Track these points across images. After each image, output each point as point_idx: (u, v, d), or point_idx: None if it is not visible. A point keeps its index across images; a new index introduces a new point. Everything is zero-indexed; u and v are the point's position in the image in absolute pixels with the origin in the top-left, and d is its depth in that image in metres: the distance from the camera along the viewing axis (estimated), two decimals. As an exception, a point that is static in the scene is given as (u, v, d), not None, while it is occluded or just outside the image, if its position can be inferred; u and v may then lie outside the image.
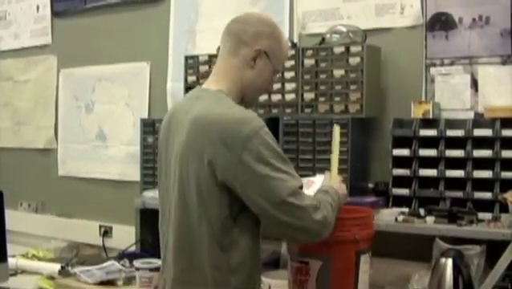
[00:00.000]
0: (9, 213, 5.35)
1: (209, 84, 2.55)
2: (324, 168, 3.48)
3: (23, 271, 4.42)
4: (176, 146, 2.44)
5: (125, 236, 4.46)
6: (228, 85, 2.49)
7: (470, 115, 3.45)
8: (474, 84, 3.48)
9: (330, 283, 2.74)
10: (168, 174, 2.50)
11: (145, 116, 4.78)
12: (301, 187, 2.36)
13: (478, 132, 3.27)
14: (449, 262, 2.94)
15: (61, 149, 5.46)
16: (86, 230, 5.07)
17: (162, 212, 2.57)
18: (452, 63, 3.55)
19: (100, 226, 5.01)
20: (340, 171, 2.96)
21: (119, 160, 5.01)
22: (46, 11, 5.55)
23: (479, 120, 3.35)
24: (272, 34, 2.52)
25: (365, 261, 2.78)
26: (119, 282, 3.73)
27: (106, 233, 4.98)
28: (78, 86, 5.33)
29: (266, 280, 3.27)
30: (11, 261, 4.36)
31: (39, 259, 4.64)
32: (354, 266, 2.75)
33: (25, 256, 4.69)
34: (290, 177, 2.32)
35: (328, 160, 3.50)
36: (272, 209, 2.29)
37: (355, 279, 2.76)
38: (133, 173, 4.67)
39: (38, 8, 5.62)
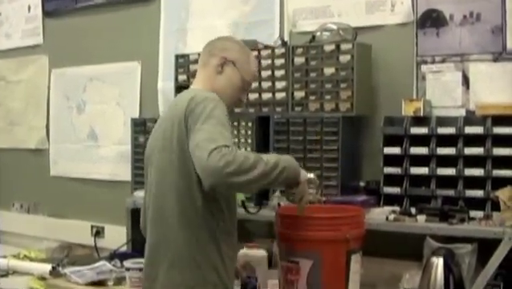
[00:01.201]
0: (1, 214, 5.38)
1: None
2: (315, 167, 3.47)
3: (14, 272, 4.38)
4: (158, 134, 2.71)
5: (117, 236, 4.42)
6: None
7: (462, 112, 3.41)
8: (466, 81, 3.44)
9: (321, 283, 2.72)
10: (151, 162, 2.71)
11: (136, 115, 4.73)
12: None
13: (470, 130, 3.23)
14: (440, 261, 2.90)
15: (53, 149, 5.42)
16: (78, 231, 5.03)
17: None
18: (443, 61, 3.50)
19: (92, 226, 4.96)
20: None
21: (111, 159, 4.96)
22: (38, 11, 5.50)
23: (470, 118, 3.31)
24: (239, 50, 2.80)
25: (356, 260, 2.76)
26: (110, 283, 3.69)
27: (98, 233, 4.93)
28: (69, 86, 5.29)
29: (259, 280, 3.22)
30: (2, 261, 4.35)
31: (31, 260, 4.60)
32: (345, 265, 2.73)
33: (16, 257, 4.65)
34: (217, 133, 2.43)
35: (319, 159, 3.51)
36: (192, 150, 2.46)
37: (346, 279, 2.74)
38: (124, 173, 4.63)
39: (29, 8, 5.57)
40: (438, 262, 2.91)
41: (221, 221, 2.60)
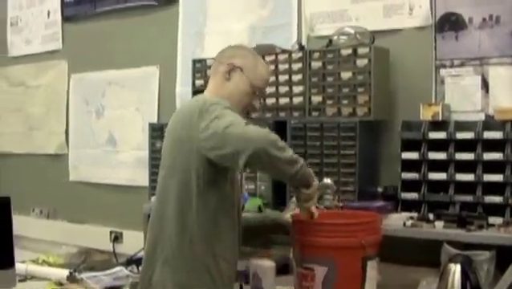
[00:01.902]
0: (21, 219, 5.38)
1: None
2: (332, 172, 3.45)
3: (33, 277, 4.40)
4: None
5: (135, 241, 4.40)
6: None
7: (481, 117, 3.38)
8: (485, 85, 3.41)
9: None
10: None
11: (154, 120, 4.74)
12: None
13: (489, 135, 3.19)
14: (458, 267, 2.86)
15: (72, 154, 5.45)
16: (96, 236, 5.05)
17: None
18: (462, 64, 3.47)
19: (111, 232, 4.98)
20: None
21: (129, 165, 4.98)
22: (57, 16, 5.54)
23: (490, 122, 3.27)
24: (247, 56, 2.82)
25: (372, 267, 2.73)
26: (126, 288, 3.68)
27: (116, 238, 4.95)
28: (88, 91, 5.32)
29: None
30: (21, 266, 4.35)
31: (49, 265, 4.61)
32: (360, 272, 2.70)
33: (35, 262, 4.66)
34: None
35: (336, 164, 3.49)
36: None
37: (362, 286, 2.71)
38: (143, 178, 4.63)
39: (48, 13, 5.61)
40: (455, 269, 2.87)
41: (217, 222, 2.62)
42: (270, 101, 3.75)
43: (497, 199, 3.13)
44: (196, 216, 2.59)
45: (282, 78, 3.73)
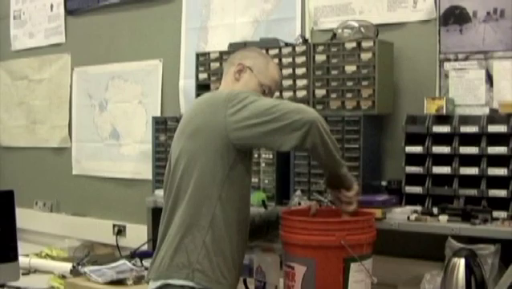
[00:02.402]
0: (24, 212, 5.40)
1: None
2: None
3: (36, 270, 4.42)
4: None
5: (139, 235, 4.42)
6: None
7: (485, 111, 3.36)
8: (489, 79, 3.40)
9: None
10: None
11: (158, 114, 4.74)
12: None
13: (493, 129, 3.18)
14: (462, 261, 2.85)
15: (75, 148, 5.44)
16: (100, 229, 5.05)
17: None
18: (466, 58, 3.46)
19: (114, 225, 4.98)
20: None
21: (133, 158, 4.98)
22: (60, 10, 5.53)
23: (494, 116, 3.26)
24: (257, 57, 2.88)
25: (357, 270, 2.65)
26: (129, 282, 3.68)
27: (120, 232, 4.94)
28: (91, 84, 5.31)
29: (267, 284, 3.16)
30: (24, 260, 4.37)
31: (53, 258, 4.63)
32: (341, 274, 2.63)
33: (38, 255, 4.69)
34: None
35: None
36: None
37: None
38: (146, 172, 4.63)
39: (51, 7, 5.60)
40: (460, 263, 2.86)
41: (238, 210, 2.61)
42: (275, 95, 3.72)
43: (502, 193, 3.11)
44: (197, 202, 2.59)
45: (286, 71, 3.71)
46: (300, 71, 3.69)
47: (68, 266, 4.10)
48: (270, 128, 2.50)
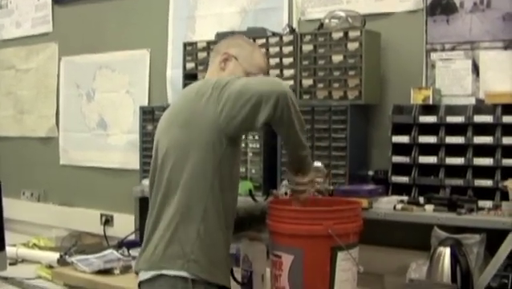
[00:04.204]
0: (11, 202, 5.37)
1: None
2: (323, 155, 3.44)
3: (23, 260, 4.40)
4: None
5: (126, 224, 4.41)
6: None
7: (471, 101, 3.37)
8: (475, 70, 3.40)
9: (302, 279, 2.64)
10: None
11: (145, 103, 4.72)
12: None
13: (479, 119, 3.19)
14: (447, 251, 2.86)
15: (62, 138, 5.42)
16: (87, 219, 5.03)
17: None
18: (453, 48, 3.46)
19: (101, 215, 4.96)
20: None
21: (120, 148, 4.96)
22: (47, -1, 5.49)
23: (480, 107, 3.27)
24: (242, 45, 2.86)
25: (344, 258, 2.65)
26: (117, 271, 3.67)
27: (107, 221, 4.93)
28: (79, 74, 5.28)
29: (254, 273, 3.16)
30: (11, 250, 4.36)
31: (40, 248, 4.61)
32: (328, 263, 2.63)
33: (26, 245, 4.67)
34: None
35: (327, 148, 3.48)
36: None
37: (331, 277, 2.64)
38: (134, 162, 4.61)
39: (39, -4, 5.57)
40: (445, 252, 2.87)
41: (226, 200, 2.61)
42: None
43: (488, 183, 3.12)
44: (190, 192, 2.57)
45: (273, 61, 3.71)
46: (287, 60, 3.69)
47: (55, 255, 4.08)
48: (247, 109, 2.48)
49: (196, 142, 2.57)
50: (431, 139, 3.28)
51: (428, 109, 3.35)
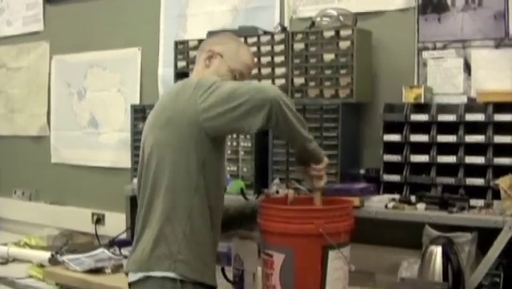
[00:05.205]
0: (2, 201, 5.37)
1: None
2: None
3: (14, 259, 4.38)
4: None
5: (118, 223, 4.39)
6: None
7: (463, 99, 3.36)
8: (467, 68, 3.39)
9: (293, 279, 2.63)
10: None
11: (137, 102, 4.70)
12: None
13: (471, 117, 3.17)
14: (439, 249, 2.84)
15: (54, 136, 5.39)
16: (79, 218, 5.00)
17: None
18: (444, 47, 3.45)
19: (93, 214, 4.94)
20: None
21: (112, 146, 4.94)
22: (38, -3, 5.46)
23: (471, 105, 3.26)
24: (228, 42, 2.85)
25: (336, 257, 2.65)
26: (108, 270, 3.66)
27: (99, 220, 4.91)
28: (70, 72, 5.25)
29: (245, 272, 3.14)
30: (3, 249, 4.35)
31: (31, 247, 4.59)
32: (320, 261, 2.63)
33: (17, 244, 4.65)
34: None
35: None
36: None
37: (323, 276, 2.63)
38: (125, 160, 4.59)
39: (30, -6, 5.53)
40: (437, 251, 2.85)
41: (211, 202, 2.58)
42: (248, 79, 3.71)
43: (479, 181, 3.11)
44: (178, 192, 2.55)
45: (265, 60, 3.69)
46: (279, 59, 3.67)
47: (47, 254, 4.06)
48: (236, 114, 2.46)
49: (177, 142, 2.56)
50: (422, 137, 3.27)
51: (419, 107, 3.34)
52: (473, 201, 3.07)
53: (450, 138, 3.20)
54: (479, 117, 3.15)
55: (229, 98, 2.46)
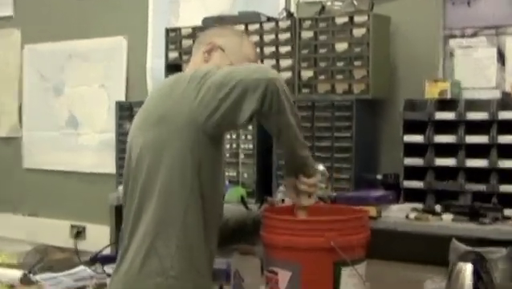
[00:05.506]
0: (-33, 212, 5.35)
1: None
2: (325, 157, 3.44)
3: (-19, 279, 4.39)
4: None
5: (101, 237, 4.41)
6: None
7: (496, 94, 3.38)
8: (501, 58, 3.41)
9: None
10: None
11: (122, 98, 4.73)
12: None
13: (505, 115, 3.19)
14: (468, 267, 2.85)
15: (26, 138, 5.42)
16: (55, 231, 5.04)
17: None
18: (474, 34, 3.48)
19: (72, 226, 4.97)
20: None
21: (93, 149, 4.97)
22: (7, -22, 5.49)
23: (506, 101, 3.28)
24: (230, 35, 2.84)
25: (350, 275, 2.64)
26: (89, 291, 3.66)
27: (79, 233, 4.94)
28: (45, 64, 5.29)
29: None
30: (-32, 267, 4.33)
31: (0, 265, 4.60)
32: (331, 280, 2.61)
33: (-16, 261, 4.66)
34: None
35: (329, 148, 3.47)
36: None
37: None
38: (108, 165, 4.61)
39: (-3, -26, 5.56)
40: (466, 269, 2.86)
41: (206, 209, 2.59)
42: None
43: (515, 188, 3.13)
44: (168, 201, 2.52)
45: (268, 50, 3.73)
46: (284, 49, 3.70)
47: (18, 273, 4.05)
48: (229, 102, 2.46)
49: (171, 142, 2.56)
50: (449, 138, 3.29)
51: (445, 104, 3.36)
52: (507, 211, 3.09)
53: (481, 139, 3.22)
54: (514, 115, 3.17)
55: (221, 85, 2.47)
